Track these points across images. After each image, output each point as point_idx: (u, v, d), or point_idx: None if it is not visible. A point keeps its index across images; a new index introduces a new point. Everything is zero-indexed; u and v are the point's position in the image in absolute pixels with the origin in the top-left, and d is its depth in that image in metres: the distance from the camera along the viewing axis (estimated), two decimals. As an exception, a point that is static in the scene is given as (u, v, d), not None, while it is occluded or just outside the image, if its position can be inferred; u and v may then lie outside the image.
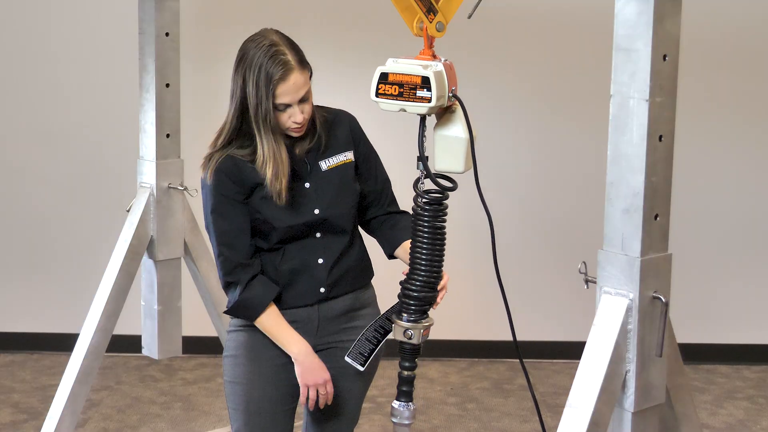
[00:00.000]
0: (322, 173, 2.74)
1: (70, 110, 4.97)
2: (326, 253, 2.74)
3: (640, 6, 2.08)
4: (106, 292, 3.50)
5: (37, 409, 4.45)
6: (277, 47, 2.60)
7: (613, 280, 2.18)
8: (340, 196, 2.75)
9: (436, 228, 2.57)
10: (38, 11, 4.90)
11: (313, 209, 2.71)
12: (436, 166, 2.55)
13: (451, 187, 2.56)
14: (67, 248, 5.05)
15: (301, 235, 2.71)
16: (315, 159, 2.74)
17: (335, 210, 2.74)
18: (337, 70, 4.83)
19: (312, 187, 2.72)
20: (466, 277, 4.80)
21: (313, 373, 2.70)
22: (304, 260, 2.72)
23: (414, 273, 2.59)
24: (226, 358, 2.80)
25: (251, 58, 2.60)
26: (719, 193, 4.97)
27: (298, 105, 2.62)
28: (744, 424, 4.42)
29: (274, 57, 2.59)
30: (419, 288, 2.58)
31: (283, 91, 2.59)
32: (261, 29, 2.69)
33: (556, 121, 4.91)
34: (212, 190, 2.67)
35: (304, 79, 2.62)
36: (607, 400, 2.16)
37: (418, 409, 4.47)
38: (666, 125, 2.14)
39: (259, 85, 2.59)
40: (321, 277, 2.74)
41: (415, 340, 2.61)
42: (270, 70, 2.58)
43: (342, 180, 2.76)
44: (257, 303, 2.68)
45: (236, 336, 2.78)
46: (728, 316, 5.04)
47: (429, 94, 2.43)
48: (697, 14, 4.04)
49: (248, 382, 2.74)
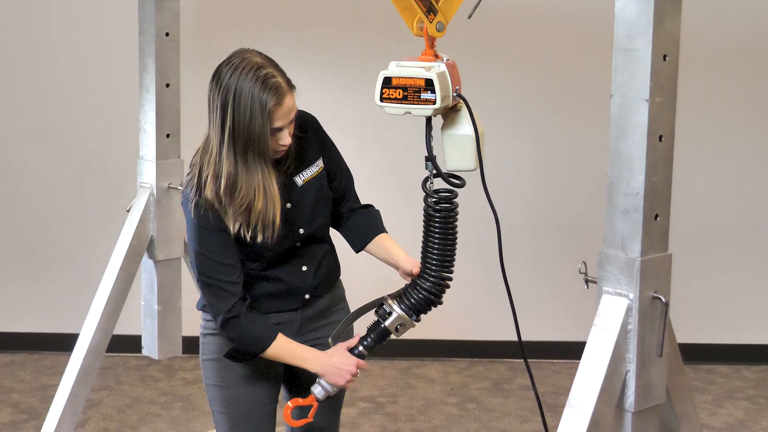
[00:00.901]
0: (299, 189, 2.66)
1: (70, 110, 4.97)
2: (309, 260, 2.71)
3: (640, 6, 2.08)
4: (106, 292, 3.50)
5: (37, 409, 4.45)
6: (264, 70, 2.46)
7: (613, 280, 2.18)
8: (319, 208, 2.70)
9: (454, 225, 2.61)
10: (38, 11, 4.89)
11: (297, 229, 2.66)
12: (447, 166, 2.55)
13: (461, 184, 2.58)
14: (67, 248, 5.05)
15: (284, 252, 2.66)
16: (290, 176, 2.64)
17: (318, 224, 2.70)
18: (338, 72, 4.83)
19: (293, 207, 2.64)
20: (466, 277, 4.79)
21: (341, 373, 2.65)
22: (289, 269, 2.67)
23: (439, 272, 2.61)
24: (207, 362, 2.74)
25: (237, 84, 2.45)
26: (719, 192, 4.97)
27: (287, 127, 2.53)
28: (744, 424, 4.42)
29: (265, 82, 2.45)
30: (439, 290, 2.63)
31: (279, 116, 2.48)
32: (235, 51, 2.53)
33: (556, 121, 4.91)
34: (199, 227, 2.54)
35: (293, 100, 2.52)
36: (607, 400, 2.16)
37: (417, 408, 4.48)
38: (666, 125, 2.14)
39: (254, 114, 2.44)
40: (307, 285, 2.71)
41: (398, 335, 2.65)
42: (263, 96, 2.44)
43: (318, 191, 2.70)
44: (266, 334, 2.60)
45: (215, 339, 2.71)
46: (728, 316, 5.04)
47: (433, 96, 2.42)
48: (698, 14, 4.05)
49: (235, 385, 2.71)
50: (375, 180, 4.90)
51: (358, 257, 2.93)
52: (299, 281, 2.70)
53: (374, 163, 4.89)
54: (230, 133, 2.46)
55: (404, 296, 2.66)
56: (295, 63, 4.83)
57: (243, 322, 2.57)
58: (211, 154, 2.51)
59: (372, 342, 2.69)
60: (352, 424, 4.34)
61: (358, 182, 2.74)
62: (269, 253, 2.61)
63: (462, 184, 2.57)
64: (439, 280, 2.63)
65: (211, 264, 2.55)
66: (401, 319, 2.65)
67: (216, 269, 2.55)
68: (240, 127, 2.45)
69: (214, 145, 2.50)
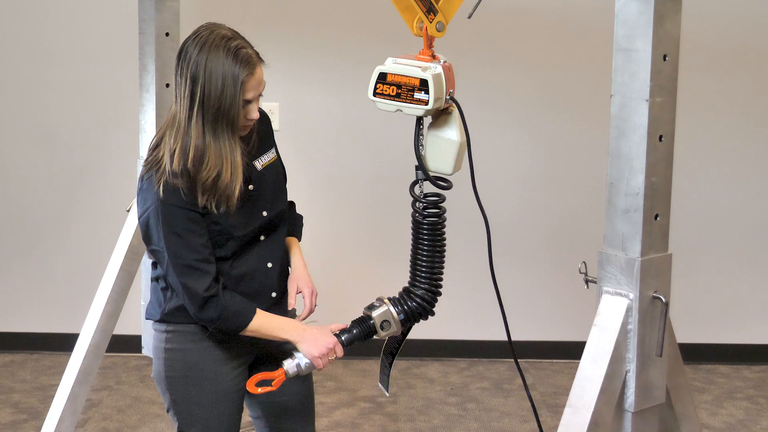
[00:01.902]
0: (259, 173, 2.66)
1: (70, 110, 4.96)
2: (273, 256, 2.70)
3: (640, 6, 2.08)
4: (106, 292, 3.50)
5: (37, 409, 4.45)
6: (234, 41, 2.48)
7: (613, 280, 2.18)
8: (277, 193, 2.70)
9: (442, 232, 2.62)
10: (38, 11, 4.89)
11: (261, 211, 2.65)
12: (426, 166, 2.57)
13: (447, 186, 2.59)
14: (67, 248, 5.05)
15: (249, 241, 2.64)
16: (250, 159, 2.63)
17: (279, 208, 2.69)
18: (339, 73, 4.83)
19: (255, 189, 2.64)
20: (466, 277, 4.79)
21: (318, 344, 2.60)
22: (255, 265, 2.66)
23: (432, 283, 2.63)
24: (172, 379, 2.66)
25: (208, 56, 2.45)
26: (719, 192, 4.97)
27: (256, 100, 2.54)
28: (744, 424, 4.42)
29: (237, 53, 2.46)
30: (431, 299, 2.64)
31: (250, 86, 2.49)
32: (201, 26, 2.54)
33: (556, 121, 4.91)
34: (168, 206, 2.50)
35: (262, 73, 2.53)
36: (607, 400, 2.16)
37: (417, 408, 4.48)
38: (666, 125, 2.14)
39: (226, 84, 2.44)
40: (272, 282, 2.70)
41: (380, 335, 2.65)
42: (236, 67, 2.44)
43: (276, 177, 2.71)
44: (248, 308, 2.58)
45: (180, 355, 2.64)
46: (728, 316, 5.04)
47: (426, 97, 2.43)
48: (698, 14, 4.05)
49: (209, 404, 2.65)
50: (372, 178, 4.91)
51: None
52: (266, 278, 2.68)
53: (373, 163, 4.89)
54: (200, 105, 2.46)
55: (398, 300, 2.67)
56: (295, 63, 4.86)
57: (222, 300, 2.53)
58: (179, 129, 2.49)
59: (357, 334, 2.65)
60: (352, 424, 4.34)
61: (357, 181, 2.74)
62: (235, 241, 2.59)
63: (448, 186, 2.58)
64: (430, 288, 2.63)
65: (183, 244, 2.51)
66: (388, 314, 2.63)
67: (189, 249, 2.51)
68: (211, 98, 2.45)
69: (182, 118, 2.48)
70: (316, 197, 4.83)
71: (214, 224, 2.55)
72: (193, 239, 2.51)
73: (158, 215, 2.51)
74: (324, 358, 2.60)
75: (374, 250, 4.96)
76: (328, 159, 4.90)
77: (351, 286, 4.84)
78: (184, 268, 2.52)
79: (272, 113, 4.77)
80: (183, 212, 2.50)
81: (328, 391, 4.67)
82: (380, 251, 4.94)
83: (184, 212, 2.50)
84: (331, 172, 4.91)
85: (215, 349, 2.65)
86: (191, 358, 2.64)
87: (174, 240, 2.51)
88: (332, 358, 2.62)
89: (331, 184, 4.90)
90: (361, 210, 4.93)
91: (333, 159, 4.91)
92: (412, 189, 2.61)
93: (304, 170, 4.72)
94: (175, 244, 2.51)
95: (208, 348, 2.64)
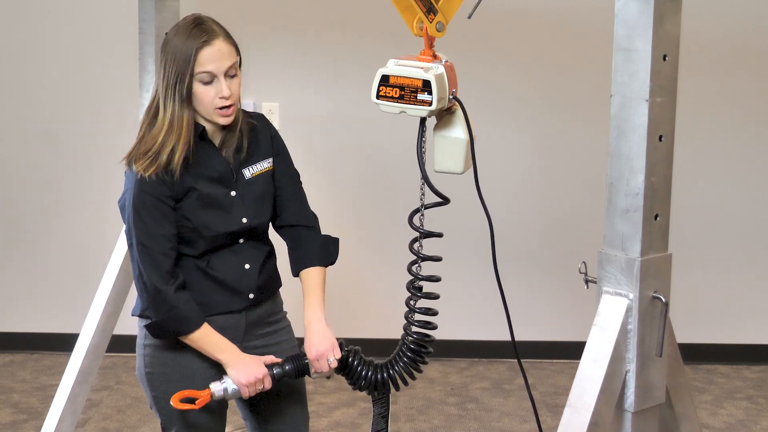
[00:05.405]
0: (246, 181, 2.68)
1: (70, 110, 4.96)
2: (252, 259, 2.70)
3: (640, 6, 2.08)
4: (106, 292, 3.50)
5: (37, 409, 4.45)
6: (200, 20, 2.56)
7: (613, 280, 2.18)
8: (263, 204, 2.71)
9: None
10: (38, 11, 4.89)
11: (240, 218, 2.66)
12: (435, 167, 2.56)
13: (445, 202, 2.59)
14: (67, 248, 5.04)
15: (226, 243, 2.66)
16: (239, 167, 2.67)
17: (261, 219, 2.71)
18: (338, 73, 4.83)
19: (238, 196, 2.66)
20: (466, 277, 4.80)
21: (247, 372, 2.60)
22: (232, 266, 2.67)
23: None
24: (151, 375, 2.70)
25: (171, 38, 2.55)
26: (719, 193, 4.97)
27: (225, 79, 2.55)
28: (744, 424, 4.42)
29: (197, 27, 2.53)
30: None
31: (207, 56, 2.52)
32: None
33: (556, 121, 4.91)
34: (141, 192, 2.56)
35: (229, 50, 2.56)
36: (607, 400, 2.16)
37: (417, 408, 4.48)
38: (666, 125, 2.14)
39: (177, 56, 2.51)
40: (250, 283, 2.70)
41: (311, 374, 2.72)
42: (190, 39, 2.51)
43: (264, 188, 2.72)
44: (196, 317, 2.59)
45: (158, 351, 2.68)
46: (728, 316, 5.04)
47: (430, 98, 2.43)
48: (698, 14, 4.05)
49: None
50: (372, 178, 4.91)
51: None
52: (243, 278, 2.68)
53: (373, 163, 4.89)
54: (164, 83, 2.55)
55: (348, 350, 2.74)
56: (295, 63, 4.86)
57: (173, 299, 2.55)
58: (149, 110, 2.61)
59: (288, 371, 2.67)
60: (352, 424, 4.34)
61: (357, 184, 2.73)
62: (205, 240, 2.61)
63: (446, 201, 2.58)
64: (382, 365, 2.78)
65: (147, 232, 2.56)
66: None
67: (151, 237, 2.56)
68: (170, 71, 2.52)
69: (158, 99, 2.58)
70: (316, 197, 4.81)
71: (186, 220, 2.59)
72: (157, 229, 2.56)
73: (132, 198, 2.58)
74: (251, 387, 2.61)
75: (374, 250, 4.96)
76: (328, 159, 4.90)
77: (350, 286, 4.84)
78: (144, 255, 2.56)
79: (272, 113, 4.78)
80: (153, 200, 2.56)
81: (328, 391, 4.67)
82: (380, 251, 4.94)
83: (154, 201, 2.56)
84: (331, 172, 4.90)
85: (191, 351, 2.65)
86: (169, 353, 2.67)
87: (140, 226, 2.56)
88: (260, 388, 2.63)
89: (331, 184, 4.90)
90: (361, 210, 4.93)
91: (333, 159, 4.91)
92: (411, 220, 2.64)
93: (303, 170, 4.70)
94: (140, 230, 2.57)
95: (185, 344, 2.64)
